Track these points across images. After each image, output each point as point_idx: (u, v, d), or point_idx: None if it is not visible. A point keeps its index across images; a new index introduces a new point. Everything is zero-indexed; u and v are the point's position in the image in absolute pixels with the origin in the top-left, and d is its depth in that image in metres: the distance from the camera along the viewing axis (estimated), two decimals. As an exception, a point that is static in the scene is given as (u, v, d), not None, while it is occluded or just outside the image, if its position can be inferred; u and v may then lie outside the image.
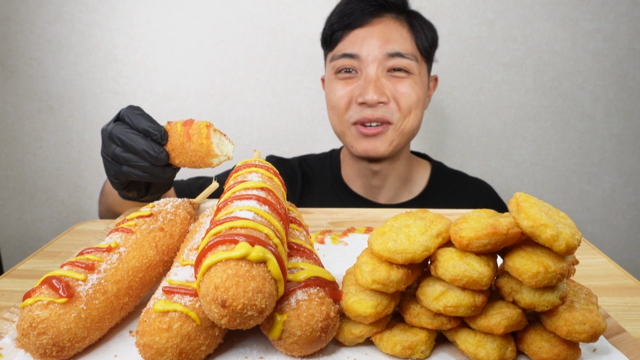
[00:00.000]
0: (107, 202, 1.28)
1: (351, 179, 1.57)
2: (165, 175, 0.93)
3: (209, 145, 0.91)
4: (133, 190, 1.02)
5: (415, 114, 1.38)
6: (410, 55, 1.35)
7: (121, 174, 0.95)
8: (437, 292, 0.61)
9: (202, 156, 0.92)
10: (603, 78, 1.94)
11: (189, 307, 0.59)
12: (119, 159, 0.92)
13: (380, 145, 1.38)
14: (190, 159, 0.93)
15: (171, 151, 0.93)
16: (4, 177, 2.05)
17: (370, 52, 1.34)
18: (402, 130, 1.38)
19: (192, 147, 0.91)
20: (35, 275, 0.88)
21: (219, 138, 0.94)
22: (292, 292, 0.62)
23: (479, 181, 1.65)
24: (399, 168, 1.51)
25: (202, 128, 0.92)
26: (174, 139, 0.92)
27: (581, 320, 0.59)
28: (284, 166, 1.60)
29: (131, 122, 0.91)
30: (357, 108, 1.36)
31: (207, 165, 0.94)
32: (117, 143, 0.91)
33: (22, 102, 1.96)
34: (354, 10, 1.38)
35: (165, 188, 1.10)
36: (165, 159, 0.91)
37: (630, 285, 0.86)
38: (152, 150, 0.89)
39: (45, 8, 1.87)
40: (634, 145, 2.02)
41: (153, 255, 0.74)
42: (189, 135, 0.91)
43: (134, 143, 0.89)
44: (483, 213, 0.64)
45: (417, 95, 1.36)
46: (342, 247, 0.98)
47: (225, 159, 0.95)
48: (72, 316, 0.60)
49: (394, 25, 1.37)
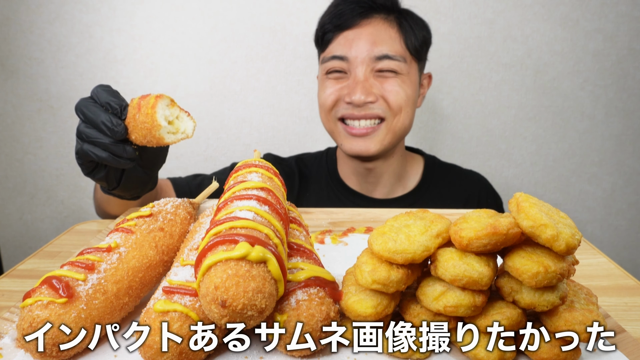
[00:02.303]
0: (96, 197, 1.27)
1: (347, 175, 1.58)
2: (125, 154, 0.90)
3: (152, 115, 0.86)
4: (100, 175, 0.98)
5: (406, 112, 1.39)
6: (398, 57, 1.36)
7: (83, 153, 0.92)
8: (437, 292, 0.61)
9: (149, 128, 0.86)
10: (603, 78, 1.94)
11: (189, 307, 0.59)
12: (82, 135, 0.90)
13: (371, 144, 1.39)
14: (140, 132, 0.87)
15: (127, 125, 0.89)
16: (4, 177, 2.05)
17: (358, 54, 1.36)
18: (394, 129, 1.39)
19: (141, 118, 0.87)
20: (35, 275, 0.88)
21: (176, 113, 0.89)
22: (292, 292, 0.62)
23: (473, 173, 1.66)
24: (392, 165, 1.52)
25: (152, 99, 0.87)
26: (129, 112, 0.89)
27: (581, 320, 0.59)
28: (282, 165, 1.60)
29: (96, 97, 0.91)
30: (344, 106, 1.39)
31: (159, 140, 0.88)
32: (81, 117, 0.90)
33: (22, 102, 1.96)
34: (343, 11, 1.39)
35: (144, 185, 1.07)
36: (122, 132, 0.88)
37: (630, 285, 0.86)
38: (109, 122, 0.87)
39: (45, 8, 1.87)
40: (634, 145, 2.02)
41: (153, 255, 0.74)
42: (139, 106, 0.87)
43: (94, 115, 0.88)
44: (483, 213, 0.64)
45: (405, 93, 1.37)
46: (342, 247, 0.98)
47: (183, 137, 0.90)
48: (72, 316, 0.60)
49: (382, 26, 1.38)
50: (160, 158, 1.06)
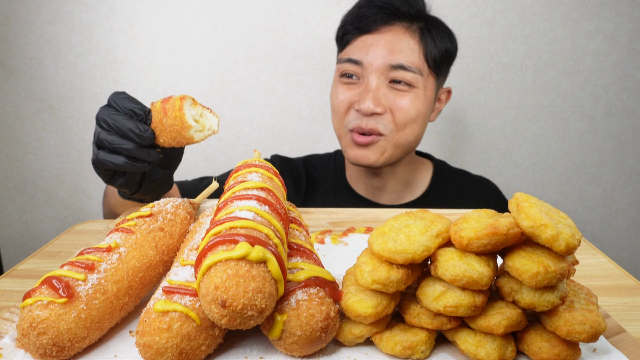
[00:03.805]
0: (110, 203, 1.28)
1: (354, 180, 1.57)
2: (149, 157, 0.91)
3: (182, 117, 0.89)
4: (120, 182, 0.99)
5: (412, 128, 1.36)
6: (414, 69, 1.32)
7: (99, 162, 0.93)
8: (437, 292, 0.61)
9: (178, 130, 0.89)
10: (603, 78, 1.94)
11: (189, 307, 0.59)
12: (103, 143, 0.90)
13: (371, 154, 1.37)
14: (170, 135, 0.90)
15: (154, 129, 0.91)
16: (4, 177, 2.05)
17: (373, 60, 1.32)
18: (396, 143, 1.36)
19: (169, 121, 0.89)
20: (35, 275, 0.88)
21: (199, 111, 0.92)
22: (292, 292, 0.62)
23: (483, 179, 1.64)
24: (399, 173, 1.51)
25: (176, 101, 0.90)
26: (154, 117, 0.91)
27: (581, 320, 0.59)
28: (289, 167, 1.59)
29: (117, 105, 0.91)
30: (354, 114, 1.36)
31: (189, 140, 0.91)
32: (104, 126, 0.90)
33: (22, 102, 1.96)
34: (366, 14, 1.36)
35: (163, 186, 1.08)
36: (151, 137, 0.89)
37: (630, 285, 0.86)
38: (137, 128, 0.88)
39: (45, 8, 1.87)
40: (634, 145, 2.02)
41: (153, 255, 0.74)
42: (165, 110, 0.90)
43: (119, 124, 0.88)
44: (483, 213, 0.64)
45: (416, 110, 1.34)
46: (342, 247, 0.98)
47: (210, 133, 0.92)
48: (72, 316, 0.60)
49: (403, 35, 1.34)
50: (178, 157, 1.08)
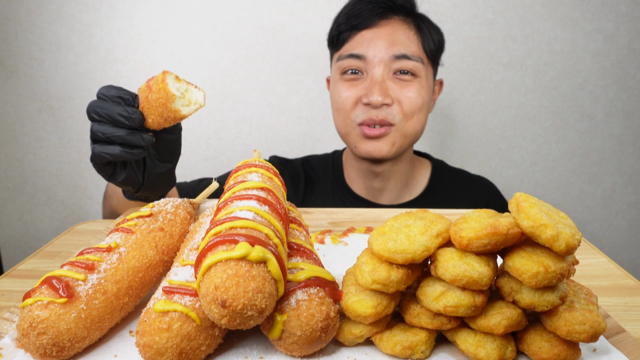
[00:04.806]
0: (111, 204, 1.27)
1: (353, 180, 1.57)
2: (143, 141, 0.92)
3: (165, 88, 0.89)
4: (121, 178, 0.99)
5: (419, 117, 1.39)
6: (416, 58, 1.36)
7: (96, 157, 0.94)
8: (437, 292, 0.61)
9: (164, 103, 0.90)
10: (603, 78, 1.94)
11: (189, 307, 0.59)
12: (96, 135, 0.92)
13: (383, 146, 1.38)
14: (157, 111, 0.91)
15: (142, 110, 0.92)
16: (4, 177, 2.05)
17: (376, 53, 1.35)
18: (405, 133, 1.39)
19: (153, 96, 0.90)
20: (35, 275, 0.88)
21: (184, 86, 0.93)
22: (292, 292, 0.62)
23: (481, 179, 1.64)
24: (400, 170, 1.51)
25: (159, 76, 0.91)
26: (140, 97, 0.92)
27: (581, 320, 0.59)
28: (287, 167, 1.59)
29: (104, 95, 0.93)
30: (363, 108, 1.37)
31: (176, 113, 0.91)
32: (95, 117, 0.92)
33: (22, 102, 1.96)
34: (361, 11, 1.38)
35: (166, 182, 1.08)
36: (140, 118, 0.91)
37: (630, 285, 0.86)
38: (125, 112, 0.90)
39: (45, 8, 1.87)
40: (634, 145, 2.02)
41: (153, 255, 0.74)
42: (149, 86, 0.91)
43: (109, 110, 0.90)
44: (483, 213, 0.64)
45: (422, 99, 1.37)
46: (342, 247, 0.98)
47: (197, 107, 0.93)
48: (72, 316, 0.60)
49: (401, 27, 1.38)
50: (176, 149, 1.08)
